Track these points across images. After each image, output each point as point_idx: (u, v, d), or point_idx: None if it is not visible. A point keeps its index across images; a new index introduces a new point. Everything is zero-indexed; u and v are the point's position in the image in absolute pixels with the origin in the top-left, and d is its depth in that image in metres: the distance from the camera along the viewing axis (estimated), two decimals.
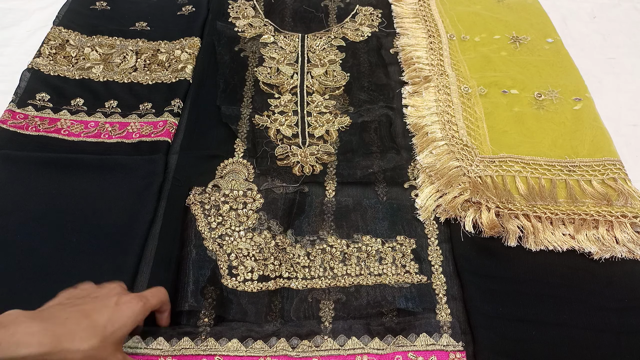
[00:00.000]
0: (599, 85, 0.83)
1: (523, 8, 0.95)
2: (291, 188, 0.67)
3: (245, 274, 0.59)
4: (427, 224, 0.65)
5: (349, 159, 0.71)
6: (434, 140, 0.71)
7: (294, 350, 0.52)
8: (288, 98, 0.79)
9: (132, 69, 0.83)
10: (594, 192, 0.64)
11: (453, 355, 0.52)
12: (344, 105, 0.79)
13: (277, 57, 0.85)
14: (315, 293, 0.58)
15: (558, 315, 0.56)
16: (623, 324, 0.55)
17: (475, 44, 0.87)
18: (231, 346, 0.52)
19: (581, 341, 0.54)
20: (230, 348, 0.52)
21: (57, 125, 0.73)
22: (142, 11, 0.94)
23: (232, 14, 0.94)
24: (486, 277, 0.59)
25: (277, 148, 0.72)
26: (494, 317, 0.55)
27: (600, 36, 0.94)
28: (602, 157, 0.68)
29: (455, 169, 0.67)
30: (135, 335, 0.52)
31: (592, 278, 0.59)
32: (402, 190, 0.68)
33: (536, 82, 0.80)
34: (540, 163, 0.68)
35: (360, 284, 0.58)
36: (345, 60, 0.86)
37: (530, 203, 0.64)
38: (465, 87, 0.79)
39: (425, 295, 0.58)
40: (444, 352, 0.53)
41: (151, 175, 0.67)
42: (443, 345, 0.53)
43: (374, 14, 0.95)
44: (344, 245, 0.62)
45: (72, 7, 0.92)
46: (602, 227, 0.61)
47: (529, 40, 0.87)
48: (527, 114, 0.75)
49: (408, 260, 0.61)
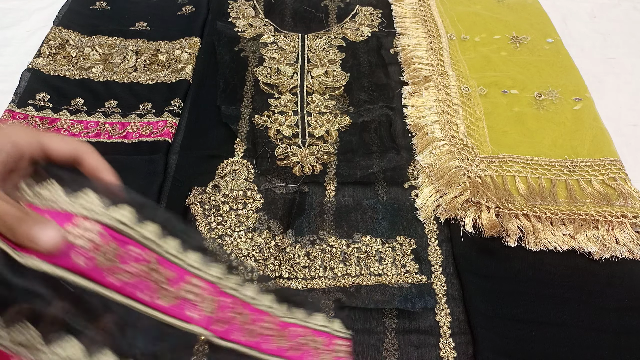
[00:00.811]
0: (599, 85, 0.83)
1: (523, 8, 0.95)
2: (291, 188, 0.67)
3: (245, 274, 0.59)
4: (427, 224, 0.65)
5: (349, 159, 0.71)
6: (434, 140, 0.71)
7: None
8: (288, 98, 0.79)
9: (132, 69, 0.83)
10: (594, 192, 0.64)
11: (341, 341, 0.46)
12: (344, 105, 0.79)
13: (277, 57, 0.85)
14: (315, 293, 0.58)
15: (558, 315, 0.56)
16: (623, 324, 0.55)
17: (475, 44, 0.87)
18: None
19: (581, 341, 0.54)
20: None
21: (57, 126, 0.73)
22: (142, 11, 0.94)
23: (232, 14, 0.94)
24: (486, 277, 0.59)
25: (277, 148, 0.72)
26: (494, 317, 0.55)
27: (600, 36, 0.94)
28: (602, 157, 0.68)
29: (455, 169, 0.67)
30: None
31: (592, 278, 0.59)
32: (402, 190, 0.68)
33: (536, 82, 0.80)
34: (540, 163, 0.68)
35: (360, 284, 0.58)
36: (345, 60, 0.86)
37: (530, 203, 0.64)
38: (465, 87, 0.79)
39: (425, 295, 0.58)
40: (332, 335, 0.46)
41: (151, 175, 0.67)
42: (334, 329, 0.47)
43: (374, 14, 0.95)
44: (344, 245, 0.62)
45: (72, 7, 0.92)
46: (602, 227, 0.61)
47: (529, 40, 0.87)
48: (527, 114, 0.75)
49: (408, 260, 0.61)
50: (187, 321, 0.35)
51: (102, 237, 0.31)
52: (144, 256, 0.33)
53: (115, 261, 0.32)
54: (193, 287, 0.36)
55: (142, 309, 0.33)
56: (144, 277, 0.33)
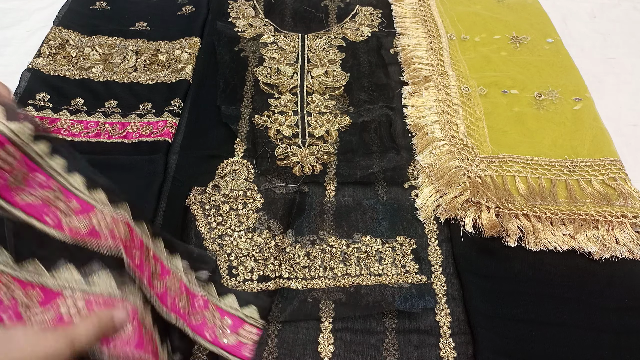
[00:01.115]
0: (599, 85, 0.83)
1: (523, 8, 0.95)
2: (291, 188, 0.67)
3: (245, 274, 0.59)
4: (427, 224, 0.65)
5: (349, 159, 0.71)
6: (434, 140, 0.71)
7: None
8: (288, 98, 0.79)
9: (132, 69, 0.83)
10: (594, 192, 0.64)
11: (249, 327, 0.48)
12: (344, 105, 0.79)
13: (277, 57, 0.85)
14: (315, 293, 0.58)
15: (558, 315, 0.56)
16: (623, 324, 0.55)
17: (475, 44, 0.87)
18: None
19: (581, 341, 0.54)
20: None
21: (57, 126, 0.73)
22: (142, 11, 0.94)
23: (232, 14, 0.94)
24: (486, 277, 0.59)
25: (277, 148, 0.72)
26: (494, 317, 0.55)
27: (600, 36, 0.94)
28: (602, 157, 0.68)
29: (455, 169, 0.67)
30: None
31: (592, 278, 0.59)
32: (402, 190, 0.68)
33: (536, 82, 0.80)
34: (540, 163, 0.68)
35: (360, 284, 0.58)
36: (345, 60, 0.86)
37: (530, 203, 0.64)
38: (465, 87, 0.79)
39: (425, 295, 0.58)
40: (242, 320, 0.48)
41: (151, 175, 0.67)
42: (245, 314, 0.48)
43: (374, 14, 0.95)
44: (344, 245, 0.62)
45: (72, 7, 0.92)
46: (602, 227, 0.61)
47: (529, 40, 0.87)
48: (527, 114, 0.75)
49: (408, 260, 0.61)
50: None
51: (18, 161, 0.37)
52: (49, 184, 0.39)
53: (22, 183, 0.37)
54: (102, 219, 0.40)
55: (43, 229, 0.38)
56: (48, 202, 0.39)
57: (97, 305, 0.37)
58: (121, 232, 0.41)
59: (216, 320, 0.47)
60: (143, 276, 0.42)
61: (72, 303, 0.37)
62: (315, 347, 0.54)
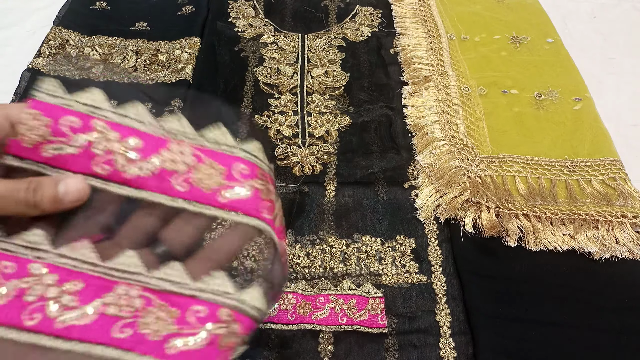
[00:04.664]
0: (599, 85, 0.82)
1: (523, 8, 0.95)
2: (291, 188, 0.67)
3: (245, 275, 0.59)
4: (427, 224, 0.65)
5: (349, 159, 0.71)
6: (434, 140, 0.71)
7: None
8: (288, 98, 0.79)
9: (132, 69, 0.83)
10: (594, 192, 0.64)
11: (372, 300, 0.56)
12: (344, 105, 0.79)
13: (277, 57, 0.85)
14: None
15: (558, 315, 0.56)
16: (623, 324, 0.55)
17: (475, 44, 0.87)
18: None
19: (581, 341, 0.54)
20: None
21: None
22: (142, 11, 0.94)
23: (232, 14, 0.94)
24: (486, 277, 0.59)
25: (277, 148, 0.72)
26: (494, 317, 0.55)
27: (600, 36, 0.94)
28: (602, 157, 0.68)
29: (455, 169, 0.67)
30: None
31: (592, 278, 0.59)
32: (402, 190, 0.68)
33: (536, 82, 0.80)
34: (540, 163, 0.68)
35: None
36: (345, 60, 0.86)
37: (530, 203, 0.64)
38: (465, 87, 0.79)
39: (425, 295, 0.58)
40: (364, 297, 0.56)
41: None
42: (364, 291, 0.57)
43: (374, 14, 0.95)
44: (344, 245, 0.62)
45: (72, 7, 0.92)
46: (602, 227, 0.61)
47: (529, 40, 0.87)
48: (527, 114, 0.75)
49: (408, 260, 0.61)
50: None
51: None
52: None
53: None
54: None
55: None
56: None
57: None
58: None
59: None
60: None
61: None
62: (315, 347, 0.54)
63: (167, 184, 0.30)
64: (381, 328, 0.55)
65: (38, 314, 0.26)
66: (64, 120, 0.30)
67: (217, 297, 0.29)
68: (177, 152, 0.31)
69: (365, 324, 0.55)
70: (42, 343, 0.25)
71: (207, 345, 0.27)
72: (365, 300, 0.56)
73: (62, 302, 0.27)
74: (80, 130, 0.30)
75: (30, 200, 0.27)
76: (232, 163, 0.32)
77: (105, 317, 0.27)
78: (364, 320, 0.55)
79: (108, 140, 0.30)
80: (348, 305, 0.56)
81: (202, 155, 0.31)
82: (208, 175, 0.31)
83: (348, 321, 0.55)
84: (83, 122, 0.30)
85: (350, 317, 0.55)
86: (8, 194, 0.27)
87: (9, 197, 0.27)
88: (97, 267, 0.28)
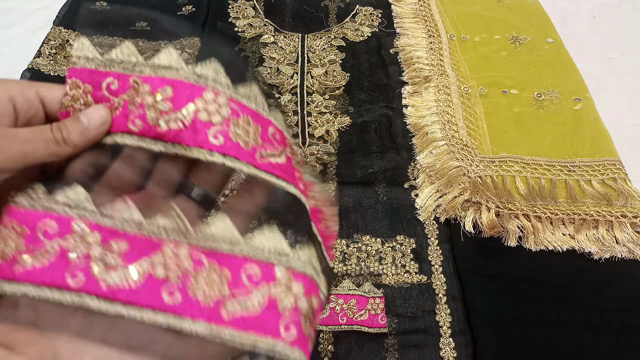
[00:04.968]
0: (599, 85, 0.82)
1: (523, 8, 0.95)
2: None
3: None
4: (427, 224, 0.65)
5: (349, 159, 0.71)
6: (434, 140, 0.71)
7: None
8: (288, 98, 0.79)
9: None
10: (594, 192, 0.64)
11: (372, 300, 0.56)
12: (344, 105, 0.79)
13: (277, 57, 0.85)
14: None
15: (558, 315, 0.56)
16: (623, 324, 0.55)
17: (475, 44, 0.87)
18: None
19: (581, 341, 0.54)
20: None
21: None
22: (142, 11, 0.94)
23: (232, 14, 0.94)
24: (486, 277, 0.59)
25: None
26: (494, 317, 0.55)
27: (600, 36, 0.94)
28: (602, 157, 0.68)
29: (455, 169, 0.67)
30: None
31: (592, 278, 0.59)
32: (402, 190, 0.68)
33: (536, 82, 0.80)
34: (540, 163, 0.68)
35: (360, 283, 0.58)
36: (345, 60, 0.86)
37: (530, 203, 0.64)
38: (465, 87, 0.79)
39: (425, 295, 0.58)
40: (364, 297, 0.56)
41: None
42: (364, 291, 0.57)
43: (374, 14, 0.95)
44: (344, 245, 0.62)
45: (72, 7, 0.92)
46: (602, 227, 0.61)
47: (529, 40, 0.87)
48: (527, 114, 0.75)
49: (408, 260, 0.61)
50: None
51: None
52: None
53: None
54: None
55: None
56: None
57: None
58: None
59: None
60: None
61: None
62: (315, 347, 0.54)
63: (202, 137, 0.27)
64: (381, 328, 0.55)
65: (81, 273, 0.24)
66: (104, 84, 0.30)
67: (270, 255, 0.26)
68: (212, 102, 0.28)
69: (365, 323, 0.55)
70: (86, 304, 0.24)
71: (266, 309, 0.25)
72: (365, 300, 0.56)
73: (107, 262, 0.25)
74: (120, 91, 0.30)
75: (58, 136, 0.28)
76: (266, 125, 0.30)
77: (153, 279, 0.24)
78: (364, 320, 0.55)
79: (139, 94, 0.29)
80: (348, 305, 0.56)
81: (237, 109, 0.29)
82: (245, 132, 0.28)
83: (348, 321, 0.55)
84: (120, 83, 0.30)
85: (350, 317, 0.55)
86: (36, 136, 0.27)
87: (38, 139, 0.27)
88: (141, 226, 0.26)
